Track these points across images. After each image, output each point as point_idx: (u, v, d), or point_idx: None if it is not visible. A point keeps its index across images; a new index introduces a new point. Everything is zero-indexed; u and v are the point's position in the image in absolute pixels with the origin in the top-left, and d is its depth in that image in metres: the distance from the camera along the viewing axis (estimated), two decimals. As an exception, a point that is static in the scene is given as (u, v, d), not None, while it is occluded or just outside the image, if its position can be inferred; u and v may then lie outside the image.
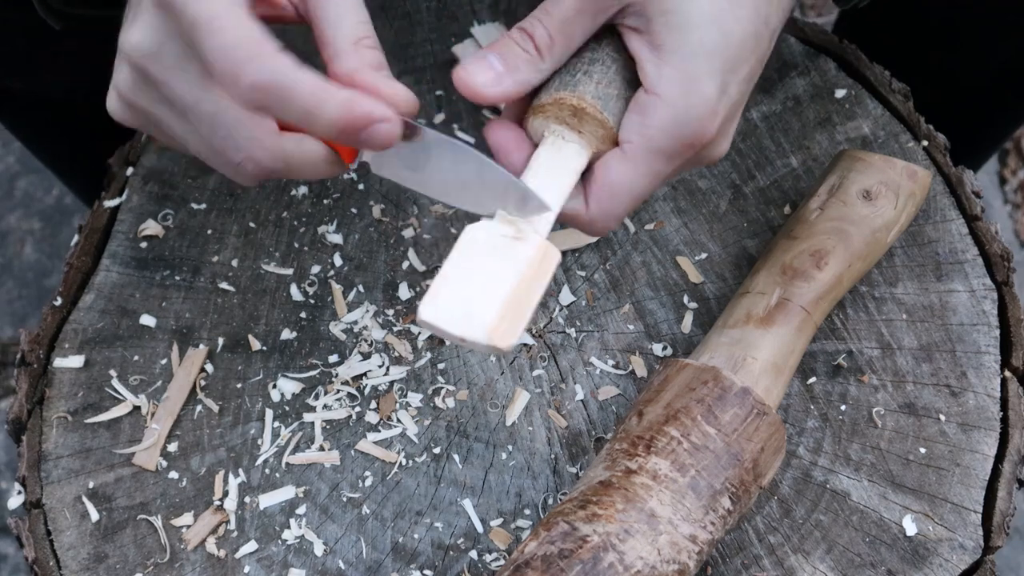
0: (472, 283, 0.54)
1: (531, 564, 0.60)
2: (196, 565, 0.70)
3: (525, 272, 0.55)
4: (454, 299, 0.53)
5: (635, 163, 0.58)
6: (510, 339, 0.52)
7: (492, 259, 0.55)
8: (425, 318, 0.53)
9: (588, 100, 0.58)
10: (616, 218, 0.60)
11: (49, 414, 0.75)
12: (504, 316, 0.53)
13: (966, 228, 0.80)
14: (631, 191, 0.58)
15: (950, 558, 0.69)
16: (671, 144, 0.56)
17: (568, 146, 0.59)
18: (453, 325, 0.52)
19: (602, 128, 0.58)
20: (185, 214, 0.83)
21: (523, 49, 0.59)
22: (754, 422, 0.64)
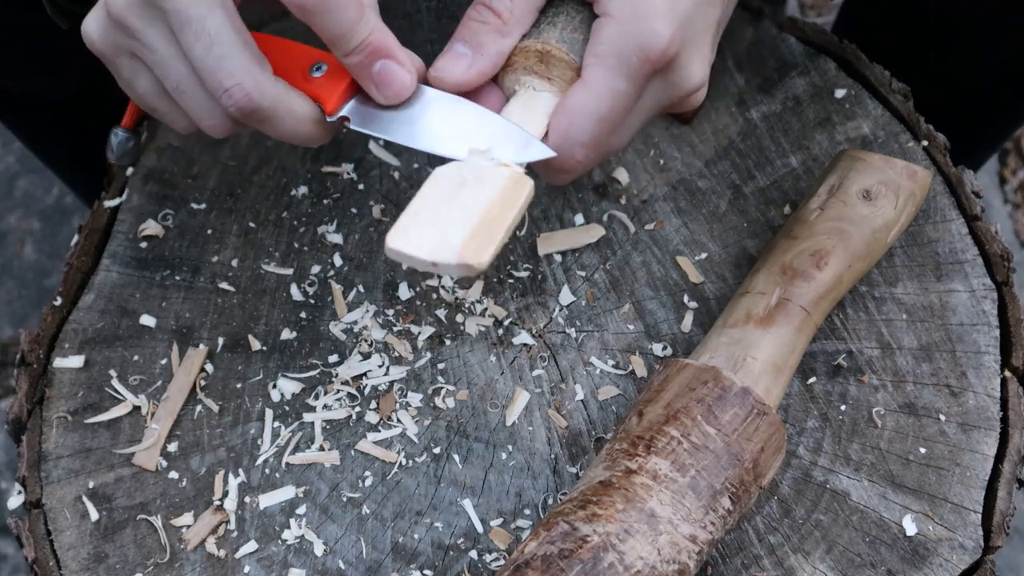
0: (441, 211, 0.53)
1: (531, 564, 0.60)
2: (196, 565, 0.70)
3: (495, 197, 0.54)
4: (423, 227, 0.53)
5: (592, 83, 0.57)
6: (481, 256, 0.51)
7: (462, 190, 0.54)
8: (393, 246, 0.52)
9: (552, 43, 0.58)
10: (580, 145, 0.57)
11: (49, 414, 0.75)
12: (474, 237, 0.52)
13: (966, 228, 0.80)
14: (590, 111, 0.57)
15: (950, 558, 0.69)
16: (624, 56, 0.55)
17: (539, 94, 0.59)
18: (422, 250, 0.51)
19: (570, 69, 0.58)
20: (185, 214, 0.83)
21: (483, 22, 0.59)
22: (754, 422, 0.64)
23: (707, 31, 0.58)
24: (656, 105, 0.60)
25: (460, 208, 0.53)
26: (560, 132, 0.58)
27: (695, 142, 0.86)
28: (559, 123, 0.58)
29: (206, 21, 0.54)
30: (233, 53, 0.55)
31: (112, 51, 0.59)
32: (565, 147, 0.58)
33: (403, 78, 0.55)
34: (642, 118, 0.61)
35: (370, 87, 0.55)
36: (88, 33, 0.59)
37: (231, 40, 0.55)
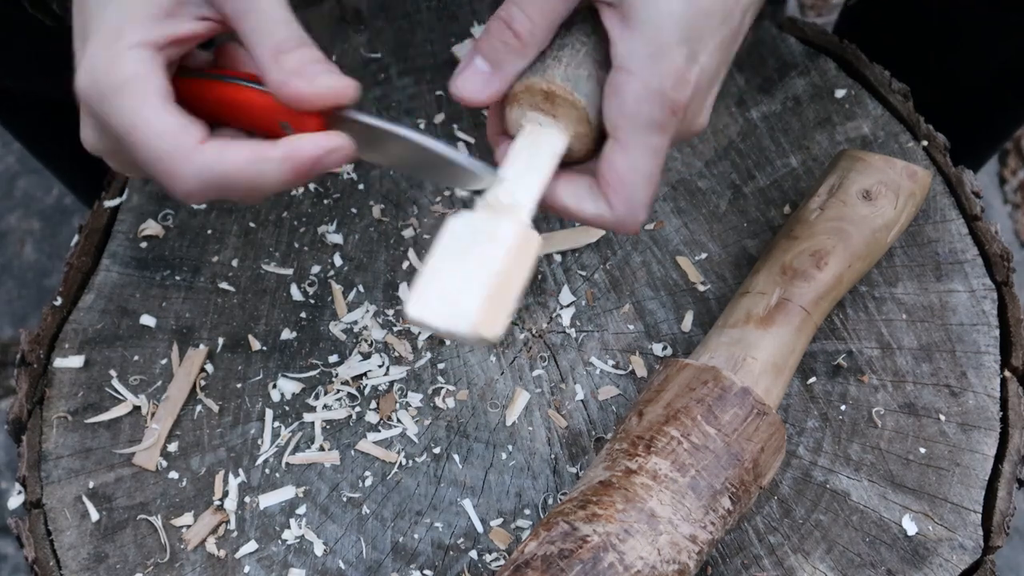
0: (455, 275, 0.54)
1: (531, 564, 0.60)
2: (196, 565, 0.70)
3: (506, 260, 0.54)
4: (439, 293, 0.53)
5: (631, 146, 0.57)
6: (495, 329, 0.52)
7: (474, 249, 0.55)
8: (413, 315, 0.53)
9: (557, 83, 0.58)
10: (642, 206, 0.59)
11: (49, 414, 0.75)
12: (488, 306, 0.53)
13: (966, 228, 0.80)
14: (642, 174, 0.58)
15: (950, 558, 0.69)
16: (654, 114, 0.56)
17: (545, 132, 0.59)
18: (440, 320, 0.52)
19: (575, 109, 0.58)
20: (185, 214, 0.83)
21: (504, 42, 0.59)
22: (754, 422, 0.64)
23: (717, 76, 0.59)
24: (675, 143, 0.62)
25: (473, 271, 0.54)
26: (622, 201, 0.59)
27: (695, 142, 0.86)
28: (618, 193, 0.59)
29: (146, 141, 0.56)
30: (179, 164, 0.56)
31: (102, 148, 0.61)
32: (629, 212, 0.59)
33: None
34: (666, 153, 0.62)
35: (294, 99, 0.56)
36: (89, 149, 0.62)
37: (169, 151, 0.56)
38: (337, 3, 0.93)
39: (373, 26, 0.92)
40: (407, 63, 0.90)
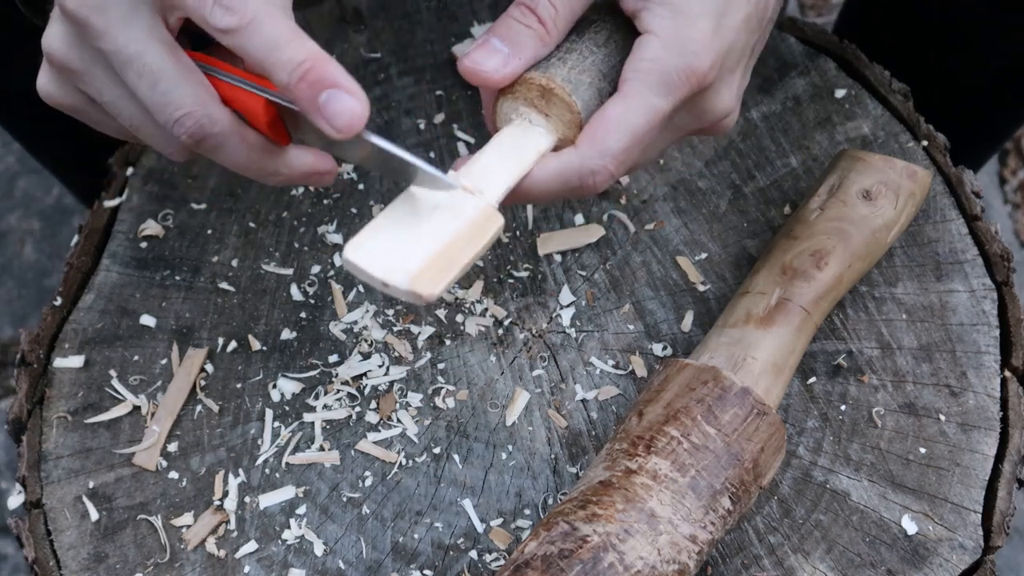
0: (405, 232, 0.52)
1: (531, 564, 0.60)
2: (196, 565, 0.70)
3: (462, 230, 0.53)
4: (383, 244, 0.51)
5: (628, 96, 0.56)
6: (432, 288, 0.50)
7: (432, 215, 0.54)
8: (349, 256, 0.51)
9: (557, 81, 0.57)
10: (611, 154, 0.56)
11: (49, 414, 0.75)
12: (430, 266, 0.51)
13: (966, 228, 0.80)
14: (626, 124, 0.56)
15: (950, 558, 0.69)
16: (665, 75, 0.55)
17: (534, 129, 0.58)
18: (377, 267, 0.50)
19: (569, 112, 0.57)
20: (185, 214, 0.83)
21: (526, 25, 0.58)
22: (754, 422, 0.64)
23: (742, 58, 0.59)
24: (685, 127, 0.60)
25: (425, 233, 0.52)
26: (593, 139, 0.57)
27: (695, 142, 0.86)
28: (591, 132, 0.57)
29: (145, 57, 0.54)
30: (177, 84, 0.54)
31: (69, 100, 0.59)
32: (595, 155, 0.57)
33: (353, 107, 0.51)
34: (670, 138, 0.61)
35: (319, 121, 0.52)
36: (42, 88, 0.59)
37: (173, 72, 0.54)
38: (337, 3, 0.93)
39: (373, 26, 0.92)
40: (407, 63, 0.90)
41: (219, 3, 0.51)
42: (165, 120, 0.55)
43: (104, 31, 0.53)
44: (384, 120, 0.88)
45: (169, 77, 0.54)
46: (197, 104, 0.54)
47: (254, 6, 0.51)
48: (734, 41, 0.57)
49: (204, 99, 0.55)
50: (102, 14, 0.53)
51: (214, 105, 0.55)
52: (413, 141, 0.86)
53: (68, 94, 0.59)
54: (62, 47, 0.56)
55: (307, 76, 0.51)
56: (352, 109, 0.51)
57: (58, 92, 0.59)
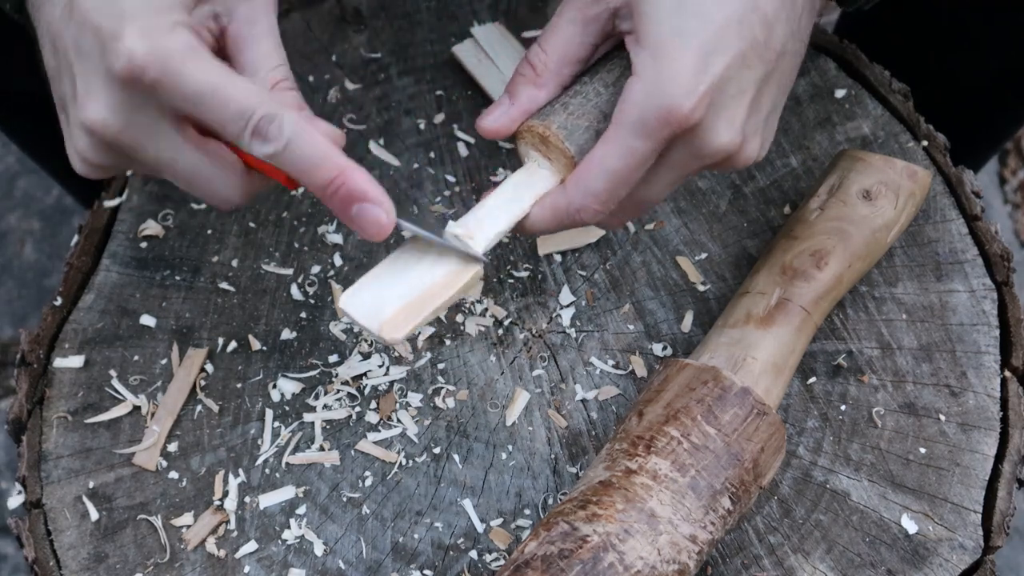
0: (392, 282, 0.59)
1: (531, 564, 0.60)
2: (196, 565, 0.70)
3: (438, 279, 0.60)
4: (370, 293, 0.59)
5: (609, 139, 0.59)
6: (396, 333, 0.58)
7: (419, 264, 0.60)
8: (341, 305, 0.59)
9: (552, 129, 0.61)
10: (589, 193, 0.60)
11: (49, 414, 0.75)
12: (400, 314, 0.58)
13: (966, 228, 0.80)
14: (607, 167, 0.59)
15: (950, 558, 0.69)
16: (642, 116, 0.57)
17: (539, 172, 0.63)
18: (358, 314, 0.58)
19: (564, 156, 0.61)
20: (185, 214, 0.83)
21: (521, 74, 0.62)
22: (754, 422, 0.64)
23: (742, 94, 0.59)
24: (685, 165, 0.61)
25: (407, 282, 0.60)
26: (577, 181, 0.60)
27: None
28: (576, 175, 0.60)
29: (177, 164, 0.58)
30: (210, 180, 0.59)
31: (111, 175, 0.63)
32: (579, 196, 0.60)
33: (379, 217, 0.57)
34: (673, 176, 0.62)
35: (352, 225, 0.58)
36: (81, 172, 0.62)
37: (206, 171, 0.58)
38: (337, 3, 0.93)
39: (373, 26, 0.92)
40: (407, 63, 0.90)
41: (257, 134, 0.55)
42: (207, 202, 0.61)
43: (135, 146, 0.57)
44: (384, 120, 0.88)
45: (202, 175, 0.58)
46: (231, 191, 0.60)
47: (288, 131, 0.55)
48: (724, 77, 0.57)
49: (235, 184, 0.60)
50: (128, 131, 0.56)
51: (246, 183, 0.60)
52: (413, 141, 0.86)
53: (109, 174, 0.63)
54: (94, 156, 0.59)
55: (339, 192, 0.56)
56: (379, 220, 0.57)
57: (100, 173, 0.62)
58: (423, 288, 0.59)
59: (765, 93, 0.61)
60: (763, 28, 0.58)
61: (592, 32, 0.62)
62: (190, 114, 0.55)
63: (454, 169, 0.85)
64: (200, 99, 0.54)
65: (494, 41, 0.89)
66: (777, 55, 0.60)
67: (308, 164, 0.56)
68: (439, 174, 0.85)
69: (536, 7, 0.92)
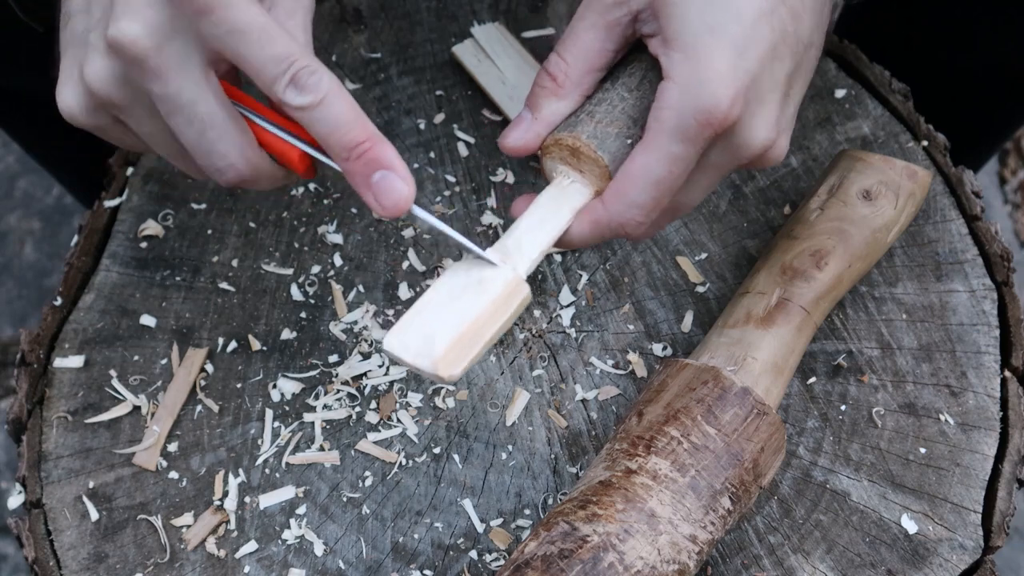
0: (436, 315, 0.56)
1: (531, 564, 0.60)
2: (196, 565, 0.70)
3: (487, 307, 0.56)
4: (416, 330, 0.55)
5: (649, 146, 0.57)
6: (453, 370, 0.54)
7: (463, 294, 0.57)
8: (386, 347, 0.55)
9: (583, 140, 0.59)
10: (633, 204, 0.58)
11: (49, 414, 0.75)
12: (454, 348, 0.55)
13: (966, 228, 0.80)
14: (646, 173, 0.57)
15: (950, 558, 0.69)
16: (683, 120, 0.55)
17: (571, 186, 0.60)
18: (408, 354, 0.55)
19: (597, 166, 0.59)
20: (185, 214, 0.83)
21: (542, 87, 0.60)
22: (754, 422, 0.64)
23: (775, 88, 0.58)
24: (724, 165, 0.60)
25: (454, 314, 0.56)
26: (615, 192, 0.58)
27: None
28: (616, 184, 0.58)
29: (197, 107, 0.55)
30: (223, 136, 0.56)
31: (97, 124, 0.60)
32: (621, 208, 0.58)
33: (402, 190, 0.55)
34: (712, 178, 0.61)
35: (368, 196, 0.55)
36: (69, 108, 0.59)
37: (222, 123, 0.56)
38: (337, 3, 0.93)
39: (373, 26, 0.92)
40: (407, 63, 0.90)
41: (295, 82, 0.53)
42: (207, 165, 0.58)
43: (160, 73, 0.54)
44: (384, 120, 0.88)
45: (217, 127, 0.56)
46: (240, 158, 0.57)
47: (327, 85, 0.53)
48: (759, 73, 0.56)
49: (246, 151, 0.57)
50: (159, 55, 0.54)
51: (254, 154, 0.58)
52: (413, 141, 0.86)
53: (99, 119, 0.59)
54: (107, 82, 0.56)
55: (365, 155, 0.54)
56: (400, 191, 0.55)
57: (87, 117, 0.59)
58: (472, 318, 0.56)
59: (794, 87, 0.60)
60: (792, 20, 0.57)
61: (614, 38, 0.60)
62: (230, 52, 0.53)
63: (454, 169, 0.85)
64: (246, 34, 0.52)
65: (494, 41, 0.89)
66: (805, 47, 0.59)
67: (340, 122, 0.54)
68: (439, 174, 0.85)
69: (536, 7, 0.92)
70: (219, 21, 0.52)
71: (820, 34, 0.61)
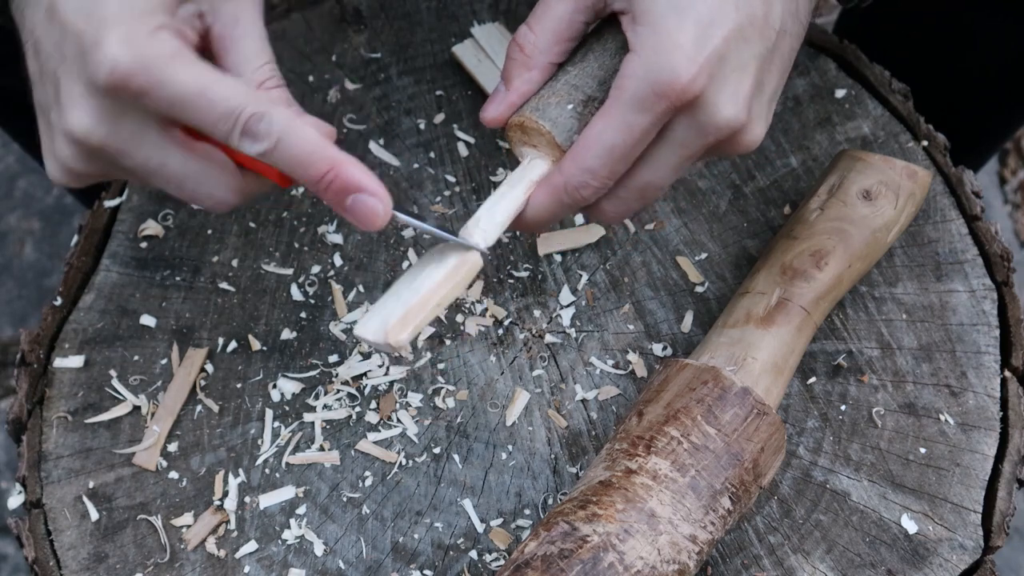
0: (396, 297, 0.59)
1: (531, 564, 0.60)
2: (196, 565, 0.70)
3: (438, 279, 0.59)
4: (377, 312, 0.58)
5: (606, 113, 0.58)
6: (399, 336, 0.57)
7: (424, 270, 0.60)
8: (356, 333, 0.58)
9: (526, 115, 0.61)
10: (587, 170, 0.59)
11: (49, 414, 0.75)
12: (404, 319, 0.57)
13: (966, 228, 0.80)
14: (604, 142, 0.58)
15: (950, 558, 0.69)
16: (641, 90, 0.56)
17: (533, 163, 0.62)
18: (368, 333, 0.58)
19: (541, 135, 0.61)
20: (185, 214, 0.83)
21: (512, 58, 0.62)
22: (754, 422, 0.64)
23: (742, 69, 0.58)
24: (689, 143, 0.60)
25: (409, 291, 0.59)
26: (574, 157, 0.59)
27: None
28: (575, 149, 0.59)
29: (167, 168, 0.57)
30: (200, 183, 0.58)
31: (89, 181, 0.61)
32: (575, 171, 0.59)
33: (375, 207, 0.56)
34: (678, 155, 0.61)
35: (346, 216, 0.57)
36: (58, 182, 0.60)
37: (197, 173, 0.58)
38: (337, 3, 0.93)
39: (373, 26, 0.92)
40: (407, 63, 0.90)
41: (246, 134, 0.54)
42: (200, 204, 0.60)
43: (122, 152, 0.56)
44: (384, 120, 0.88)
45: (192, 177, 0.57)
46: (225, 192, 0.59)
47: (278, 128, 0.54)
48: (723, 50, 0.57)
49: (230, 185, 0.59)
50: (115, 138, 0.55)
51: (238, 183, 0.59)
52: (413, 141, 0.86)
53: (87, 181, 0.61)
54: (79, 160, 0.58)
55: (332, 186, 0.55)
56: (374, 210, 0.56)
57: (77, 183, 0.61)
58: (423, 291, 0.59)
59: (767, 72, 0.60)
60: (762, 4, 0.58)
61: (583, 10, 0.61)
62: (177, 118, 0.55)
63: (454, 169, 0.85)
64: (187, 103, 0.53)
65: (494, 41, 0.89)
66: (777, 33, 0.59)
67: (300, 160, 0.55)
68: (439, 174, 0.85)
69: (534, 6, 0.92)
70: (157, 100, 0.53)
71: (796, 23, 0.61)
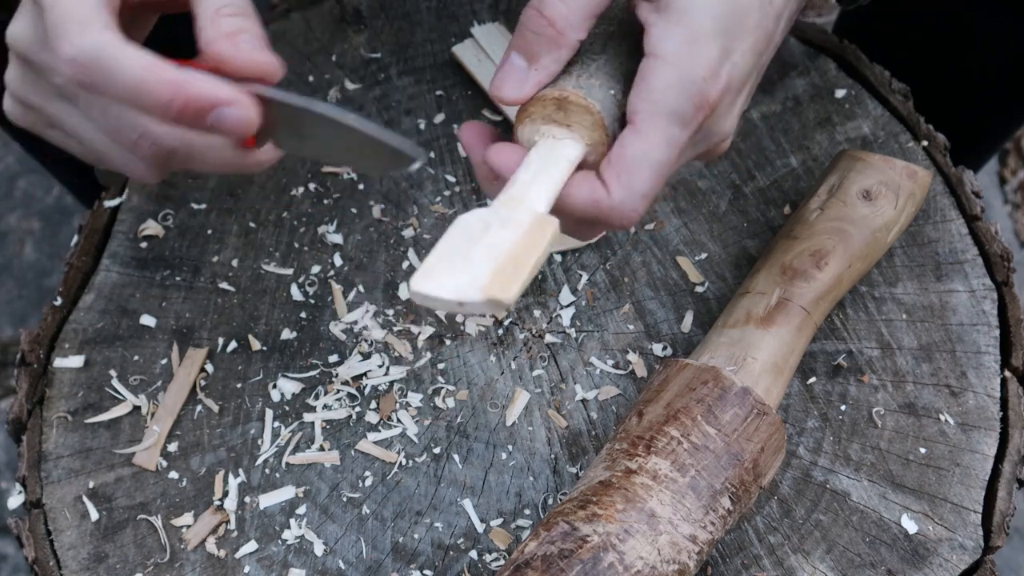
0: (465, 254, 0.52)
1: (531, 564, 0.60)
2: (196, 565, 0.70)
3: (519, 239, 0.52)
4: (447, 269, 0.51)
5: (646, 130, 0.54)
6: (509, 291, 0.50)
7: (486, 234, 0.53)
8: (417, 288, 0.50)
9: (570, 89, 0.56)
10: (641, 195, 0.55)
11: (49, 414, 0.75)
12: (499, 273, 0.51)
13: (966, 228, 0.80)
14: (649, 161, 0.54)
15: (950, 558, 0.69)
16: (680, 103, 0.53)
17: (561, 142, 0.57)
18: (446, 290, 0.50)
19: (588, 114, 0.56)
20: (185, 214, 0.83)
21: (536, 32, 0.56)
22: (754, 422, 0.64)
23: (746, 84, 0.57)
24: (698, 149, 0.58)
25: (484, 249, 0.52)
26: (621, 184, 0.55)
27: (695, 142, 0.85)
28: (619, 175, 0.55)
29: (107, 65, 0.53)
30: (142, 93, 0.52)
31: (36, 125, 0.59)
32: (627, 198, 0.55)
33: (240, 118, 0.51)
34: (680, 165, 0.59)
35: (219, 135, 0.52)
36: (8, 114, 0.59)
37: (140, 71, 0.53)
38: (337, 3, 0.93)
39: (373, 26, 0.92)
40: (407, 63, 0.90)
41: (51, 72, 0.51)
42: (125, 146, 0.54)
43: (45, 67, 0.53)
44: (384, 120, 0.88)
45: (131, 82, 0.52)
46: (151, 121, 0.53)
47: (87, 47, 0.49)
48: (741, 66, 0.55)
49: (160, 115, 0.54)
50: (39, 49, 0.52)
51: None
52: (413, 141, 0.86)
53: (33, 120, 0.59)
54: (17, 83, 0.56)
55: (185, 111, 0.50)
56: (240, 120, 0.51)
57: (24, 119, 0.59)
58: (506, 250, 0.52)
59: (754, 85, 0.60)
60: (774, 22, 0.56)
61: None
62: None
63: (454, 169, 0.85)
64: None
65: (494, 41, 0.89)
66: (774, 47, 0.59)
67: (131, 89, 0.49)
68: (439, 174, 0.85)
69: (536, 7, 0.92)
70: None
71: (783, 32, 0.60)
